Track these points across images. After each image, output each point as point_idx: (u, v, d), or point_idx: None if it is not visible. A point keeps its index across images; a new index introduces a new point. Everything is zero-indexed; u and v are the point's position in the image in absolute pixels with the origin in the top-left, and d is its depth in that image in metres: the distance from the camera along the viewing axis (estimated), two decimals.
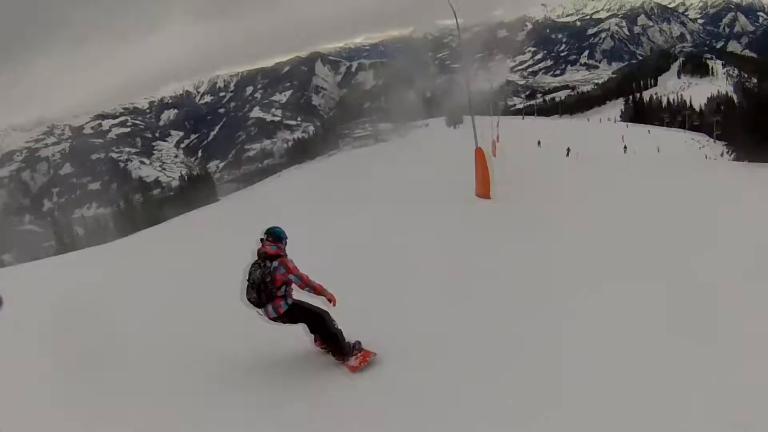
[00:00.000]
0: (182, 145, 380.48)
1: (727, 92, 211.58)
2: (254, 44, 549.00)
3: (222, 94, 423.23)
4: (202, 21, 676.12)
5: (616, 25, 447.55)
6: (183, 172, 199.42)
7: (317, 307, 9.30)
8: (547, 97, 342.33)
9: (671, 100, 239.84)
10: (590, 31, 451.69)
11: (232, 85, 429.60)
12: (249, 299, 9.07)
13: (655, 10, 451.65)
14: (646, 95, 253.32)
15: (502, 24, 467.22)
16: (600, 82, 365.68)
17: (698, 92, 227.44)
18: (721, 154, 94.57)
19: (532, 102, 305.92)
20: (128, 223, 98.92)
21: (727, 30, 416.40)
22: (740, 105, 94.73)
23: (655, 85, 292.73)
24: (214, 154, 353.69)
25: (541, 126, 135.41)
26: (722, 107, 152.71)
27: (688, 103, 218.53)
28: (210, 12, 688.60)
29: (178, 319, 13.02)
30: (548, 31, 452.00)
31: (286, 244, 9.37)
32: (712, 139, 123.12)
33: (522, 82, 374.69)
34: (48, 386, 10.08)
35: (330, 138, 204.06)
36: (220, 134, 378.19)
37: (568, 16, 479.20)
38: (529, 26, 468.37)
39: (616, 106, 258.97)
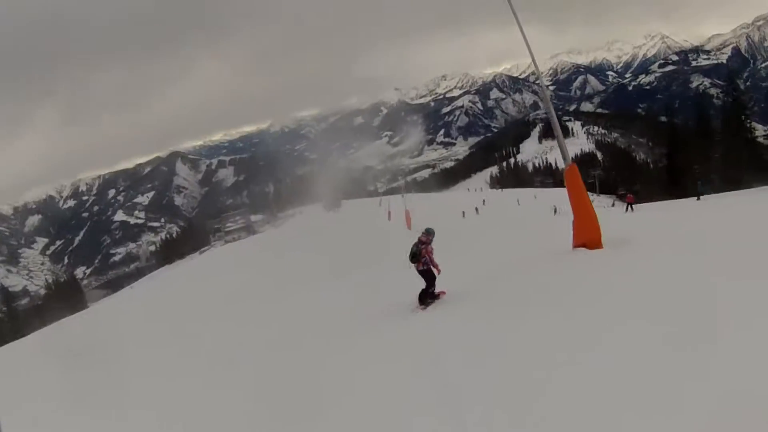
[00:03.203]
0: (48, 252, 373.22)
1: (590, 150, 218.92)
2: (114, 146, 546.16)
3: (85, 197, 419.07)
4: (63, 123, 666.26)
5: (470, 101, 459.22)
6: (50, 280, 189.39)
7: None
8: (409, 178, 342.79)
9: (537, 164, 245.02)
10: (444, 110, 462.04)
11: (94, 188, 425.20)
12: (409, 257, 15.75)
13: (507, 83, 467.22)
14: (510, 163, 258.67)
15: (358, 111, 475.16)
16: (459, 158, 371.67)
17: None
18: (612, 205, 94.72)
19: (394, 185, 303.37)
20: None
21: (578, 92, 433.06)
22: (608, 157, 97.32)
23: (518, 152, 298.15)
24: (81, 260, 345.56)
25: (439, 199, 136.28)
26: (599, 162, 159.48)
27: (554, 165, 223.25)
28: (70, 114, 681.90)
29: None
30: (403, 114, 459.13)
31: (433, 237, 16.12)
32: (595, 194, 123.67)
33: (380, 167, 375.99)
34: None
35: (199, 236, 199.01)
36: (85, 239, 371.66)
37: (421, 97, 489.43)
38: (385, 111, 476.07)
39: (482, 177, 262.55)
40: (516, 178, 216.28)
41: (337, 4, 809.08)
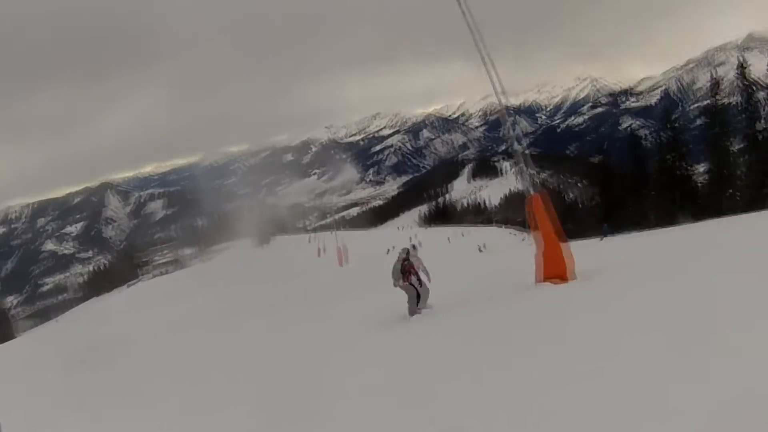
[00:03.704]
0: None
1: (520, 189, 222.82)
2: (46, 173, 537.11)
3: (14, 225, 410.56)
4: None
5: (400, 141, 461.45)
6: None
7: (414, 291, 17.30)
8: (338, 216, 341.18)
9: (467, 203, 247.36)
10: (375, 149, 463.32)
11: (24, 216, 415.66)
12: (393, 275, 17.16)
13: (437, 123, 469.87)
14: (440, 201, 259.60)
15: (288, 148, 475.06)
16: (389, 196, 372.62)
17: (492, 192, 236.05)
18: None
19: (324, 222, 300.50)
20: None
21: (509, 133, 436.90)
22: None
23: (448, 191, 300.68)
24: (10, 290, 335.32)
25: (370, 236, 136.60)
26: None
27: (484, 203, 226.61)
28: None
29: None
30: (333, 152, 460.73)
31: (416, 251, 18.73)
32: (525, 231, 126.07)
33: (310, 204, 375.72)
34: None
35: (127, 268, 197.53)
36: (14, 268, 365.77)
37: (352, 136, 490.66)
38: (314, 149, 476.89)
39: (411, 216, 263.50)
40: (446, 216, 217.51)
41: (271, 42, 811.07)
